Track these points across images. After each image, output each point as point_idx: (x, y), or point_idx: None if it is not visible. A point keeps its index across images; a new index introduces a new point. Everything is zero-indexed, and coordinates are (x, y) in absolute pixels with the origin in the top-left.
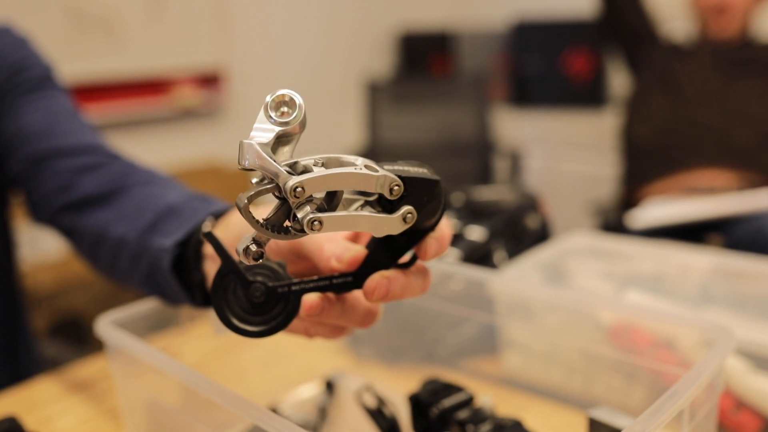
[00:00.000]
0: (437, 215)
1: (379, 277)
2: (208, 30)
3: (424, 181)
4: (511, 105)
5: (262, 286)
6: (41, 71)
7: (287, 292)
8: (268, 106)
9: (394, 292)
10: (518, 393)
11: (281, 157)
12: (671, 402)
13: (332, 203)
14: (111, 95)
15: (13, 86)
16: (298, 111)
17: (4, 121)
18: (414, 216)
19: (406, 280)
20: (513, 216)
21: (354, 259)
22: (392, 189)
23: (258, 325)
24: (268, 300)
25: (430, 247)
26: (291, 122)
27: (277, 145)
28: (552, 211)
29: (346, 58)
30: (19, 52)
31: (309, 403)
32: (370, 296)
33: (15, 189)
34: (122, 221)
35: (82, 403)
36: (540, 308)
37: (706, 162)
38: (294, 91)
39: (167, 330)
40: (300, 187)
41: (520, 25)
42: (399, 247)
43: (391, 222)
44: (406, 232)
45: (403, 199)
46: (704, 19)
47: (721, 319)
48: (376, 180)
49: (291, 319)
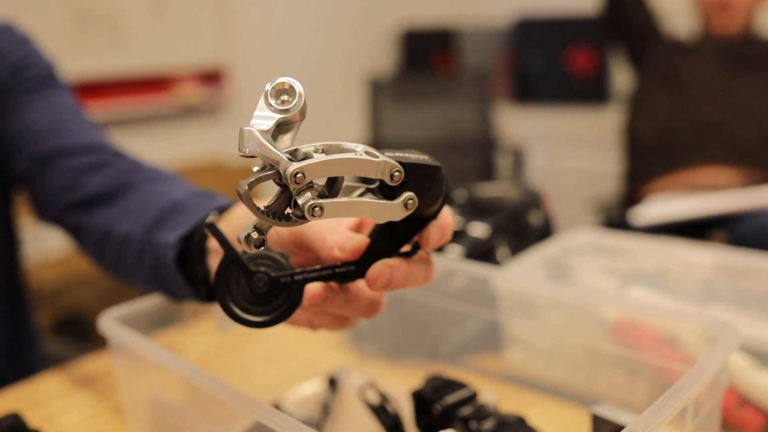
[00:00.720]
0: (439, 202)
1: (381, 266)
2: (210, 27)
3: (425, 167)
4: (513, 102)
5: (265, 276)
6: (44, 69)
7: (290, 281)
8: (268, 93)
9: (397, 281)
10: (521, 390)
11: (282, 145)
12: (675, 398)
13: (333, 190)
14: (113, 93)
15: (16, 85)
16: (298, 99)
17: (7, 119)
18: (415, 202)
19: (409, 269)
20: (516, 213)
21: (356, 248)
22: (393, 175)
23: (261, 315)
24: (271, 290)
25: (433, 235)
26: (291, 110)
27: (277, 132)
28: (555, 208)
29: (349, 55)
30: (21, 51)
31: (312, 400)
32: (372, 285)
33: (19, 187)
34: (127, 218)
35: (86, 399)
36: (543, 305)
37: (710, 159)
38: (294, 79)
39: (171, 326)
40: (300, 173)
41: (522, 21)
42: (401, 236)
43: (393, 208)
44: (407, 220)
45: (404, 186)
46: (707, 15)
47: (725, 316)
48: (377, 166)
49: (294, 308)
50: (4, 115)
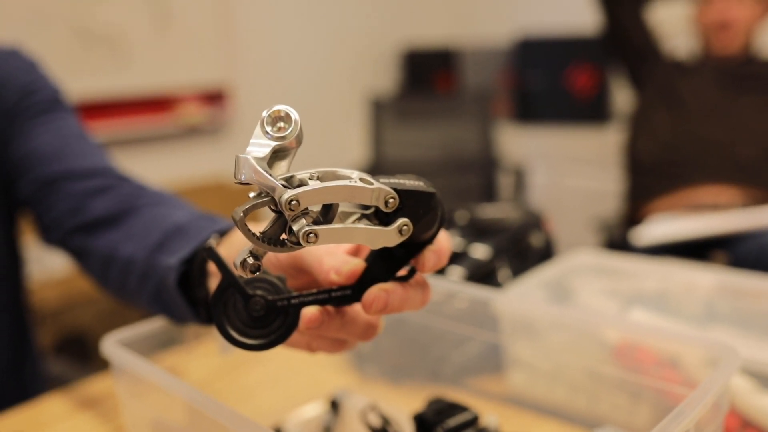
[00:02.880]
0: (434, 228)
1: (377, 290)
2: (212, 47)
3: (419, 194)
4: (515, 121)
5: (262, 299)
6: (50, 94)
7: (286, 305)
8: (264, 121)
9: (393, 305)
10: (523, 412)
11: (277, 171)
12: (677, 422)
13: (328, 216)
14: (116, 112)
15: (23, 109)
16: (293, 126)
17: (14, 143)
18: (410, 228)
19: (405, 293)
20: (517, 234)
21: (352, 271)
22: (387, 201)
23: (258, 339)
24: (267, 313)
25: (428, 259)
26: (287, 137)
27: (273, 159)
28: (556, 228)
29: (351, 75)
30: (28, 75)
31: (314, 422)
32: (368, 309)
33: (24, 210)
34: (131, 241)
35: (89, 421)
36: (544, 327)
37: (710, 178)
38: (290, 107)
39: (173, 348)
40: (295, 200)
41: (523, 41)
42: (397, 260)
43: (387, 234)
44: (404, 244)
45: (398, 212)
46: (707, 35)
47: (726, 338)
48: (371, 192)
49: (291, 332)
50: (12, 139)
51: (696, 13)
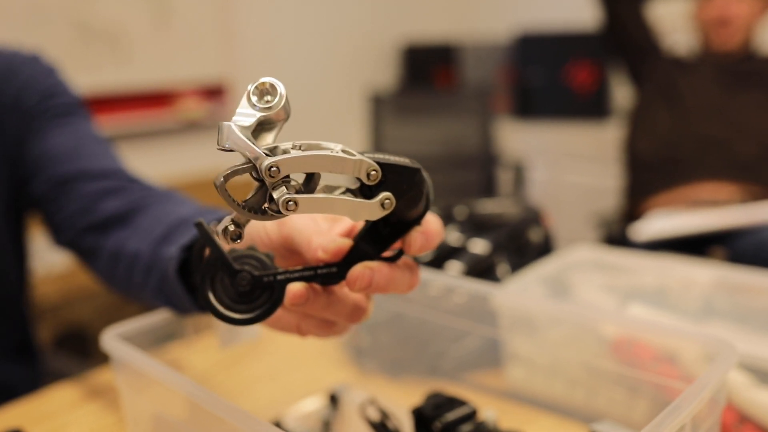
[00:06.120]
0: (420, 206)
1: (362, 267)
2: (212, 42)
3: (402, 168)
4: (514, 117)
5: (248, 275)
6: (71, 99)
7: (272, 281)
8: (250, 93)
9: (378, 284)
10: (521, 406)
11: (263, 142)
12: (674, 416)
13: (309, 186)
14: (116, 107)
15: (43, 110)
16: (278, 98)
17: (30, 143)
18: (392, 202)
19: (391, 273)
20: (516, 229)
21: (339, 249)
22: (369, 174)
23: (243, 313)
24: (253, 289)
25: (415, 240)
26: (272, 108)
27: (259, 130)
28: (555, 223)
29: (350, 70)
30: (49, 79)
31: (313, 417)
32: (352, 285)
33: (35, 211)
34: (137, 237)
35: (90, 414)
36: (543, 322)
37: (709, 175)
38: (276, 79)
39: (173, 342)
40: (275, 167)
41: (523, 37)
42: (385, 240)
43: (369, 207)
44: (391, 224)
45: (381, 186)
46: (707, 31)
47: (724, 333)
48: (353, 164)
49: (276, 307)
50: (28, 139)
51: (695, 9)
